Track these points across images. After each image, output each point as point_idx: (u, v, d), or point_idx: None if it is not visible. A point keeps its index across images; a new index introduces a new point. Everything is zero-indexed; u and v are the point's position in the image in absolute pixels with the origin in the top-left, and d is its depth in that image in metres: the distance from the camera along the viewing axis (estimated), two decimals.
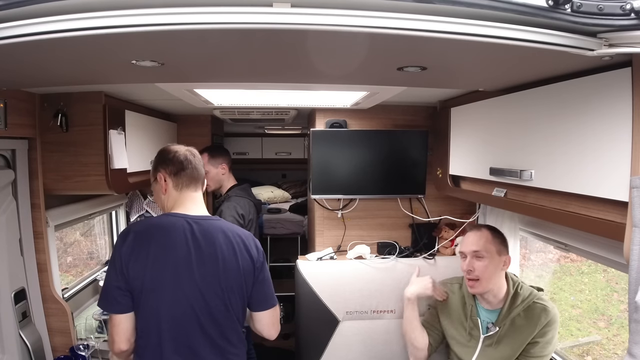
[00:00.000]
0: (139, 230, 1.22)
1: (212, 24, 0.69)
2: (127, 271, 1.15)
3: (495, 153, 1.44)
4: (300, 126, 3.33)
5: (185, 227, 1.22)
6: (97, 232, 2.48)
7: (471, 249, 1.52)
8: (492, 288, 1.52)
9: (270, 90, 1.60)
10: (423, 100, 2.03)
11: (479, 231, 1.55)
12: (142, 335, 1.19)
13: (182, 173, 1.30)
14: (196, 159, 1.35)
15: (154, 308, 1.16)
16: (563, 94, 1.08)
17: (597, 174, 0.97)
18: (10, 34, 0.71)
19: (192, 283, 1.18)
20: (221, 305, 1.20)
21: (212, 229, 1.24)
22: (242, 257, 1.24)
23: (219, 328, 1.21)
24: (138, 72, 1.09)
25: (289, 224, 3.71)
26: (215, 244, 1.22)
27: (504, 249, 1.53)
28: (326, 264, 2.05)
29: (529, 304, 1.50)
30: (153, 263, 1.16)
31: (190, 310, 1.17)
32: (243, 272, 1.24)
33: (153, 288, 1.16)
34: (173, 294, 1.17)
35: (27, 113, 1.44)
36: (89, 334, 1.59)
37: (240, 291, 1.24)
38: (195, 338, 1.18)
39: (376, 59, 0.98)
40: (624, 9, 0.74)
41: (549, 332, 1.46)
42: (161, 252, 1.18)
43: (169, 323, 1.16)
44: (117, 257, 1.17)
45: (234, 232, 1.27)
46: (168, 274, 1.17)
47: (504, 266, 1.51)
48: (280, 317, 1.41)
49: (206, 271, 1.19)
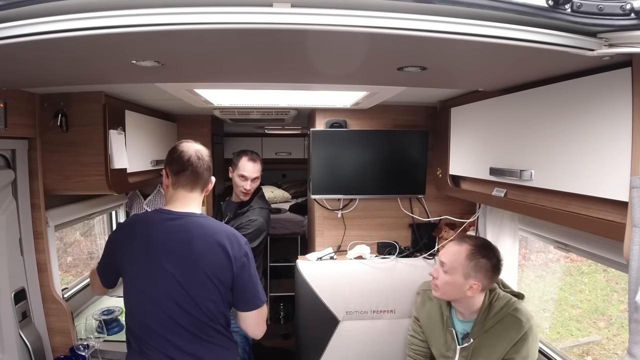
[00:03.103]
0: (127, 223, 1.40)
1: (212, 24, 0.69)
2: (115, 258, 1.30)
3: (495, 153, 1.43)
4: (300, 126, 3.33)
5: (165, 222, 1.27)
6: (97, 232, 2.48)
7: (440, 258, 1.49)
8: (458, 300, 1.48)
9: (270, 90, 1.60)
10: (423, 100, 2.03)
11: (460, 245, 1.46)
12: (129, 325, 1.30)
13: (181, 174, 1.32)
14: (201, 161, 1.33)
15: (132, 297, 1.27)
16: (563, 94, 1.08)
17: (597, 174, 0.97)
18: (10, 34, 0.71)
19: (164, 275, 1.23)
20: (190, 299, 1.22)
21: (190, 224, 1.27)
22: (215, 253, 1.24)
23: (194, 322, 1.24)
24: (138, 72, 1.09)
25: (289, 224, 3.71)
26: (191, 239, 1.24)
27: (476, 274, 1.40)
28: (326, 264, 2.05)
29: (504, 316, 1.44)
30: (133, 255, 1.26)
31: (163, 302, 1.23)
32: (217, 268, 1.24)
33: (132, 278, 1.28)
34: (147, 286, 1.24)
35: (27, 113, 1.44)
36: (89, 334, 1.58)
37: (213, 286, 1.24)
38: (171, 331, 1.24)
39: (376, 59, 0.98)
40: (624, 9, 0.74)
41: (524, 347, 1.40)
42: (140, 244, 1.26)
43: (145, 316, 1.25)
44: (107, 244, 1.35)
45: (214, 229, 1.29)
46: (144, 265, 1.25)
47: (469, 289, 1.41)
48: (280, 317, 1.42)
49: (177, 264, 1.23)
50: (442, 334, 1.58)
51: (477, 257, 1.41)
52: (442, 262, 1.47)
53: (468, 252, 1.42)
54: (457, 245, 1.47)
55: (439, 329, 1.59)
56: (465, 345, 1.49)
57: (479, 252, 1.42)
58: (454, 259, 1.43)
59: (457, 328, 1.54)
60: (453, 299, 1.50)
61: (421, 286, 1.75)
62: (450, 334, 1.54)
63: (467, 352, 1.49)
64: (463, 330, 1.53)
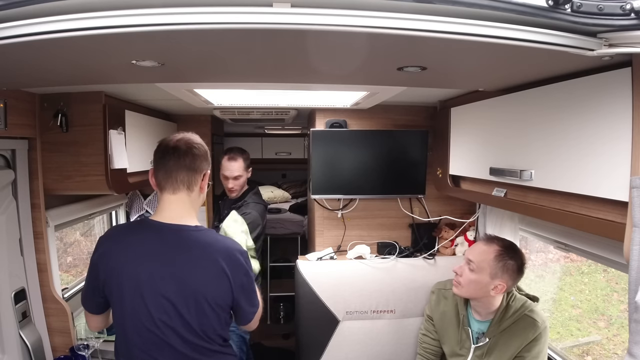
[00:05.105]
0: (110, 235, 1.21)
1: (212, 24, 0.69)
2: (98, 274, 1.14)
3: (495, 153, 1.43)
4: (300, 126, 3.33)
5: (155, 236, 1.12)
6: (97, 232, 2.48)
7: (468, 256, 1.51)
8: (478, 299, 1.50)
9: (270, 90, 1.60)
10: (423, 100, 2.03)
11: (488, 245, 1.48)
12: (118, 349, 1.19)
13: (161, 166, 1.13)
14: (192, 149, 1.15)
15: (119, 317, 1.15)
16: (563, 94, 1.08)
17: (597, 173, 0.97)
18: (10, 34, 0.71)
19: (154, 294, 1.10)
20: (187, 326, 1.11)
21: (187, 241, 1.13)
22: (214, 278, 1.12)
23: (191, 346, 1.13)
24: (138, 72, 1.09)
25: (289, 224, 3.71)
26: (188, 261, 1.11)
27: (503, 274, 1.42)
28: (326, 264, 2.05)
29: (520, 316, 1.48)
30: (119, 270, 1.12)
31: (152, 322, 1.10)
32: (217, 295, 1.13)
33: (119, 297, 1.12)
34: (134, 304, 1.11)
35: (27, 113, 1.44)
36: (89, 334, 1.58)
37: (212, 313, 1.13)
38: (165, 355, 1.12)
39: (376, 59, 0.98)
40: (624, 9, 0.74)
41: (536, 347, 1.44)
42: (128, 260, 1.12)
43: (134, 335, 1.12)
44: (91, 262, 1.16)
45: (212, 248, 1.14)
46: (131, 282, 1.10)
47: (493, 289, 1.43)
48: (280, 317, 1.39)
49: (173, 291, 1.10)
50: (457, 332, 1.59)
51: (506, 258, 1.43)
52: (469, 260, 1.48)
53: (497, 253, 1.44)
54: (485, 245, 1.48)
55: (453, 327, 1.61)
56: (480, 344, 1.51)
57: (506, 253, 1.44)
58: (482, 258, 1.45)
59: (473, 327, 1.56)
60: (474, 297, 1.52)
61: (436, 285, 1.77)
62: (466, 333, 1.56)
63: (482, 350, 1.51)
64: (479, 330, 1.55)
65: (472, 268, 1.47)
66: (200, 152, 1.18)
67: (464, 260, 1.52)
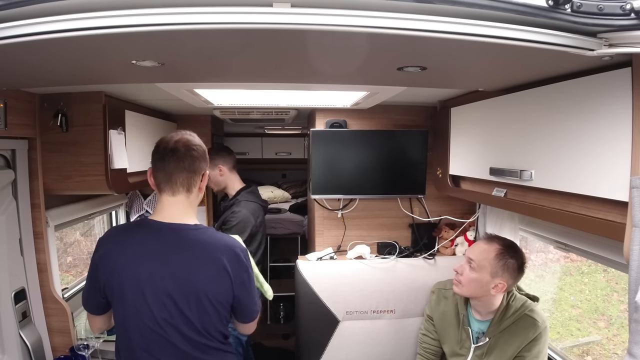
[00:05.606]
0: (110, 235, 1.21)
1: (212, 24, 0.69)
2: (99, 275, 1.14)
3: (495, 153, 1.43)
4: (300, 126, 3.33)
5: (155, 236, 1.13)
6: (97, 232, 2.48)
7: (469, 255, 1.51)
8: (478, 298, 1.51)
9: (270, 90, 1.60)
10: (423, 100, 2.03)
11: (489, 244, 1.49)
12: (119, 348, 1.19)
13: (159, 167, 1.14)
14: (190, 151, 1.15)
15: (121, 317, 1.15)
16: (563, 94, 1.08)
17: (597, 174, 0.97)
18: (10, 34, 0.71)
19: (155, 292, 1.11)
20: (189, 322, 1.13)
21: (187, 239, 1.14)
22: (215, 275, 1.13)
23: (192, 344, 1.14)
24: (138, 72, 1.09)
25: (289, 224, 3.71)
26: (188, 259, 1.12)
27: (503, 273, 1.43)
28: (326, 264, 2.05)
29: (520, 316, 1.48)
30: (120, 270, 1.13)
31: (153, 321, 1.11)
32: (218, 292, 1.14)
33: (120, 297, 1.13)
34: (135, 304, 1.12)
35: (27, 113, 1.44)
36: (89, 334, 1.58)
37: (213, 310, 1.14)
38: (166, 353, 1.13)
39: (376, 59, 0.98)
40: (624, 9, 0.74)
41: (536, 347, 1.45)
42: (128, 260, 1.13)
43: (136, 334, 1.13)
44: (92, 263, 1.17)
45: (212, 246, 1.15)
46: (132, 282, 1.11)
47: (493, 288, 1.44)
48: (280, 317, 1.39)
49: (174, 288, 1.11)
50: (457, 332, 1.60)
51: (506, 257, 1.44)
52: (470, 258, 1.49)
53: (498, 252, 1.45)
54: (486, 244, 1.49)
55: (453, 327, 1.61)
56: (480, 344, 1.51)
57: (507, 252, 1.45)
58: (482, 257, 1.46)
59: (473, 327, 1.56)
60: (474, 297, 1.52)
61: (436, 285, 1.77)
62: (466, 332, 1.57)
63: (481, 350, 1.51)
64: (479, 330, 1.55)
65: (473, 267, 1.47)
66: (199, 154, 1.19)
67: (465, 259, 1.52)
